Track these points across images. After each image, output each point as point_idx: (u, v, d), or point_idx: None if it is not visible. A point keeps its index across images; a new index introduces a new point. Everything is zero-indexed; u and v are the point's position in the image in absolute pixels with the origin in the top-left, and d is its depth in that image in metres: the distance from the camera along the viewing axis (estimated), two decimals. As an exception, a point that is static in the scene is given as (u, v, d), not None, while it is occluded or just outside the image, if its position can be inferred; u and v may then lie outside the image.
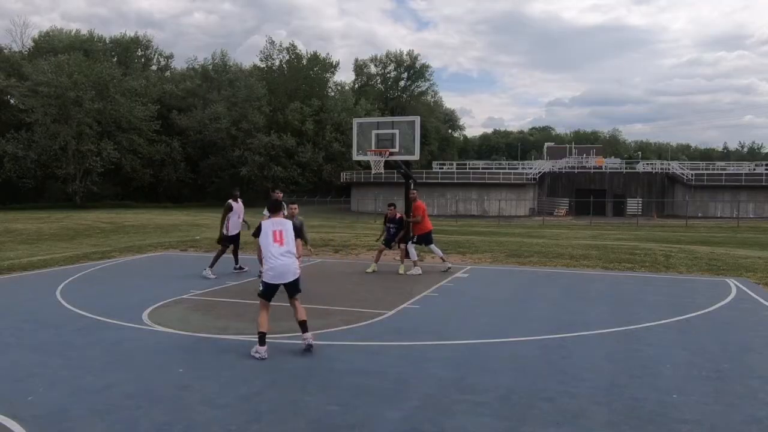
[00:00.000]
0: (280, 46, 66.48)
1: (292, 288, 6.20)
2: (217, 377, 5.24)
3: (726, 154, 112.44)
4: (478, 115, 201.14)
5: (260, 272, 6.59)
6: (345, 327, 7.15)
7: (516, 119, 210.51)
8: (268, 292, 6.14)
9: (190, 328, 6.96)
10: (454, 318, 7.79)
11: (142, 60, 66.33)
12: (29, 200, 51.17)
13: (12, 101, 49.84)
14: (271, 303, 6.13)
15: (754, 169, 51.82)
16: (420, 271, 11.55)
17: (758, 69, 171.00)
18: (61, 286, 9.68)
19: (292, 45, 66.21)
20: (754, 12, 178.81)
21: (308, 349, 6.02)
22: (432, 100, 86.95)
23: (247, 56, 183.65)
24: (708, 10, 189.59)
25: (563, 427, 4.23)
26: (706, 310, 8.27)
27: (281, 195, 9.79)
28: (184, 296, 8.94)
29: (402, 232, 12.09)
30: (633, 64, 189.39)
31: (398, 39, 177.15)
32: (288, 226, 6.26)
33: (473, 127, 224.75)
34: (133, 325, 7.11)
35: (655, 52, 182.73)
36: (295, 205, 9.55)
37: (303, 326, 6.09)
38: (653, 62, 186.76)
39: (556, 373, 5.44)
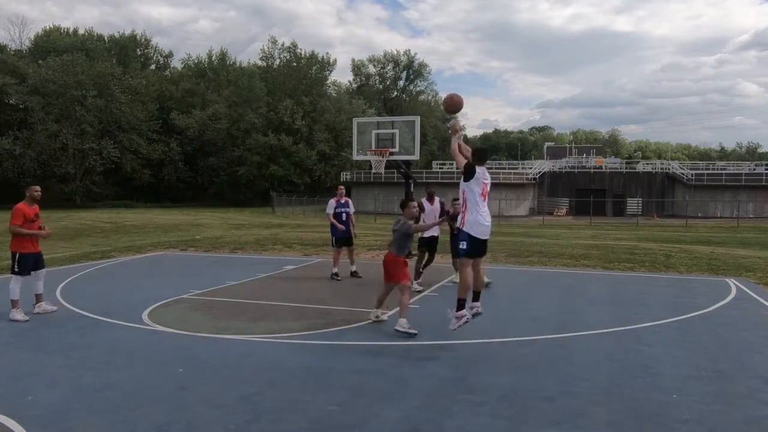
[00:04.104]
0: (282, 46, 66.43)
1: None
2: (217, 377, 5.24)
3: (725, 154, 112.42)
4: (473, 117, 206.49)
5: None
6: (345, 327, 7.14)
7: (510, 121, 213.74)
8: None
9: (190, 328, 6.95)
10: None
11: (141, 59, 66.27)
12: (29, 200, 51.06)
13: (11, 101, 49.82)
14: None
15: (754, 169, 51.80)
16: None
17: (743, 72, 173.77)
18: (61, 286, 9.67)
19: (293, 44, 66.12)
20: (737, 18, 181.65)
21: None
22: (432, 99, 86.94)
23: (249, 62, 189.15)
24: (691, 14, 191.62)
25: (563, 427, 4.23)
26: (706, 310, 8.27)
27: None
28: (184, 296, 8.93)
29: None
30: (620, 68, 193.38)
31: (394, 46, 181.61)
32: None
33: (470, 128, 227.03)
34: (133, 325, 7.10)
35: (642, 56, 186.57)
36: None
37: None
38: (640, 66, 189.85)
39: (556, 373, 5.44)
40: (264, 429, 4.17)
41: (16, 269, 7.49)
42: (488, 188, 6.36)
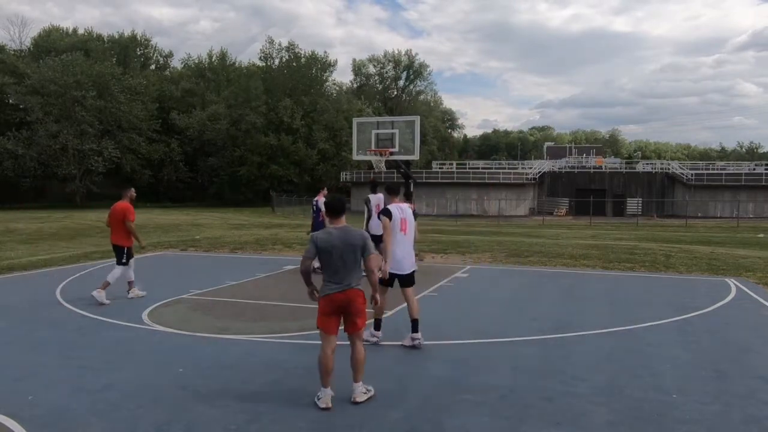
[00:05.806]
0: (280, 45, 66.33)
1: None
2: (217, 377, 5.24)
3: (725, 154, 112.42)
4: (472, 117, 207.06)
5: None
6: (345, 327, 7.13)
7: (510, 120, 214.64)
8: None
9: (190, 328, 6.96)
10: (453, 318, 7.78)
11: (141, 59, 66.28)
12: (29, 200, 51.13)
13: (11, 101, 49.79)
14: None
15: (754, 169, 51.74)
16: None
17: (742, 72, 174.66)
18: (61, 286, 9.68)
19: (291, 44, 65.97)
20: (735, 18, 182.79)
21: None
22: (431, 99, 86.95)
23: (249, 61, 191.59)
24: (689, 14, 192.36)
25: (563, 427, 4.23)
26: (706, 310, 8.28)
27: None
28: (184, 296, 8.93)
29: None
30: (619, 68, 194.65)
31: (394, 46, 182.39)
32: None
33: (469, 127, 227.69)
34: (133, 325, 7.11)
35: (641, 57, 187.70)
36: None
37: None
38: (639, 66, 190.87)
39: (556, 373, 5.44)
40: (264, 429, 4.17)
41: (124, 261, 8.55)
42: (408, 221, 6.38)
